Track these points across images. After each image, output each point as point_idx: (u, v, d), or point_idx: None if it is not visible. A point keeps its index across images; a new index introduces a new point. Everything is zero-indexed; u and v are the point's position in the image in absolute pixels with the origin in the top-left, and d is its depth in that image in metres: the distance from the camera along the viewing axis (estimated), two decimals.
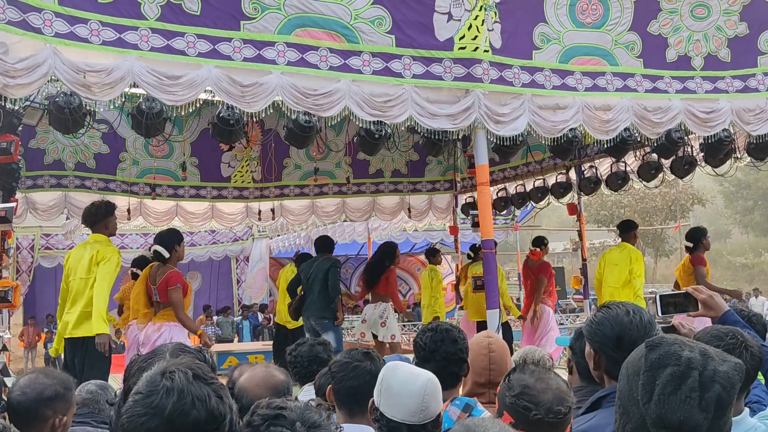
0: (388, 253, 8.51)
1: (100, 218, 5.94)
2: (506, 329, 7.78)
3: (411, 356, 2.96)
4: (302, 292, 7.94)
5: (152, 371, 1.47)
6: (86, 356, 5.52)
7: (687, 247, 7.96)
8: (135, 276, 7.99)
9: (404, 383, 2.09)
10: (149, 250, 6.58)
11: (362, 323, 8.53)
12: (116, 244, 15.20)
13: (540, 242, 9.30)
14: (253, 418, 1.41)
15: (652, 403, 1.32)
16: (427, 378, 2.12)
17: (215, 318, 15.89)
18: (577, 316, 13.59)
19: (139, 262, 8.21)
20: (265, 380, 2.20)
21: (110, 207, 6.13)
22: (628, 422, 1.39)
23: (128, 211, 8.87)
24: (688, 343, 1.41)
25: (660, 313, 2.34)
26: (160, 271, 6.29)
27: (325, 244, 8.14)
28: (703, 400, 1.29)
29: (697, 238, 7.90)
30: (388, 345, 8.03)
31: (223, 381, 1.83)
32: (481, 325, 7.92)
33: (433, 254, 10.44)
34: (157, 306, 6.29)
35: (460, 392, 2.78)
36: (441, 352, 2.64)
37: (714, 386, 1.30)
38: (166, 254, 6.28)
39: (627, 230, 8.16)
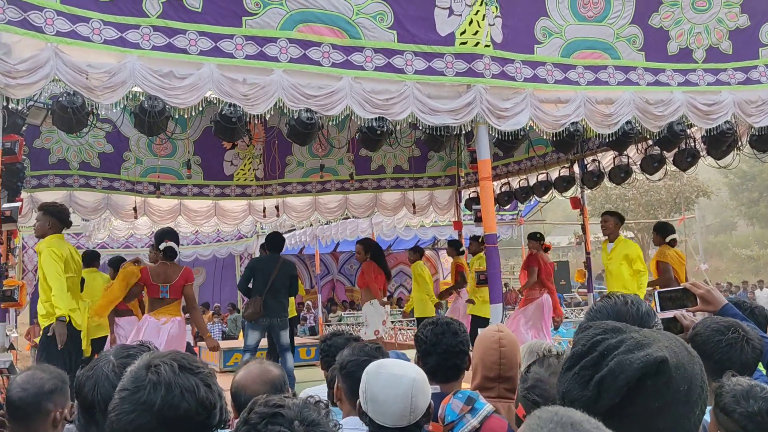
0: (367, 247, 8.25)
1: None
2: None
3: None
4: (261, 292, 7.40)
5: (136, 365, 1.40)
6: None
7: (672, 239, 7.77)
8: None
9: (388, 389, 2.02)
10: (157, 247, 6.56)
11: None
12: (121, 244, 15.21)
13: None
14: (250, 416, 1.35)
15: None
16: (412, 378, 2.04)
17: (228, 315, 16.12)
18: (582, 310, 13.58)
19: (116, 263, 8.07)
20: (261, 376, 2.20)
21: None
22: None
23: (134, 209, 8.92)
24: (618, 328, 1.36)
25: (659, 309, 2.33)
26: (172, 269, 6.37)
27: (276, 242, 7.63)
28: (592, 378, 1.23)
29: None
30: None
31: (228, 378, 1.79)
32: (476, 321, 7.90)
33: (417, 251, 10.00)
34: (160, 302, 6.33)
35: (465, 385, 2.78)
36: (442, 345, 2.64)
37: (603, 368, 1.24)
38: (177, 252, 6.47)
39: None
